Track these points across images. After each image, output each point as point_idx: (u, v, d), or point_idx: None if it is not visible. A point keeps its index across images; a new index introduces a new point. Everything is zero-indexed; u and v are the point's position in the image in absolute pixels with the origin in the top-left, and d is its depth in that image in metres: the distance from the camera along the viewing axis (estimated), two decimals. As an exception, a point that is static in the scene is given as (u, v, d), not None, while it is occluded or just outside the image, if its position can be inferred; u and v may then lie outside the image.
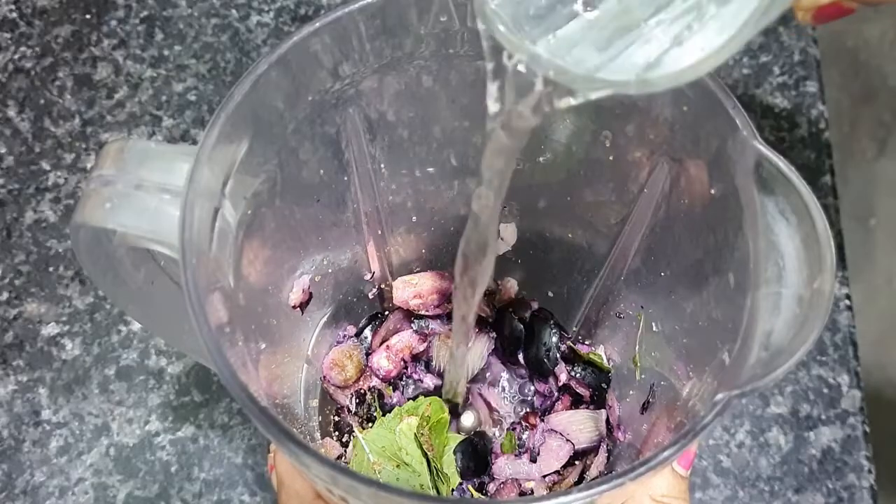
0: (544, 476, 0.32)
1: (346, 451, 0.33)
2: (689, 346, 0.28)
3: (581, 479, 0.32)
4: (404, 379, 0.36)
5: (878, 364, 0.86)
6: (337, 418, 0.34)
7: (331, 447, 0.33)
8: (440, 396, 0.34)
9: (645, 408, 0.31)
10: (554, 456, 0.32)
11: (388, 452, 0.31)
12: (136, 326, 0.40)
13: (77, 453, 0.38)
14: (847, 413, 0.39)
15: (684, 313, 0.29)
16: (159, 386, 0.39)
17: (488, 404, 0.35)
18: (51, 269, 0.42)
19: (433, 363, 0.35)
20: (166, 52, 0.47)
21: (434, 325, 0.36)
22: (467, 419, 0.34)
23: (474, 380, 0.35)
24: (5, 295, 0.41)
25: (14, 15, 0.48)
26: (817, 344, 0.41)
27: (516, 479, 0.32)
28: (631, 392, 0.33)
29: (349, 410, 0.34)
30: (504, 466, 0.33)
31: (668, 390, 0.30)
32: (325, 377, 0.34)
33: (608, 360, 0.35)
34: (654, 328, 0.32)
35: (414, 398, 0.34)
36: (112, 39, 0.47)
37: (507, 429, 0.34)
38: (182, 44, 0.47)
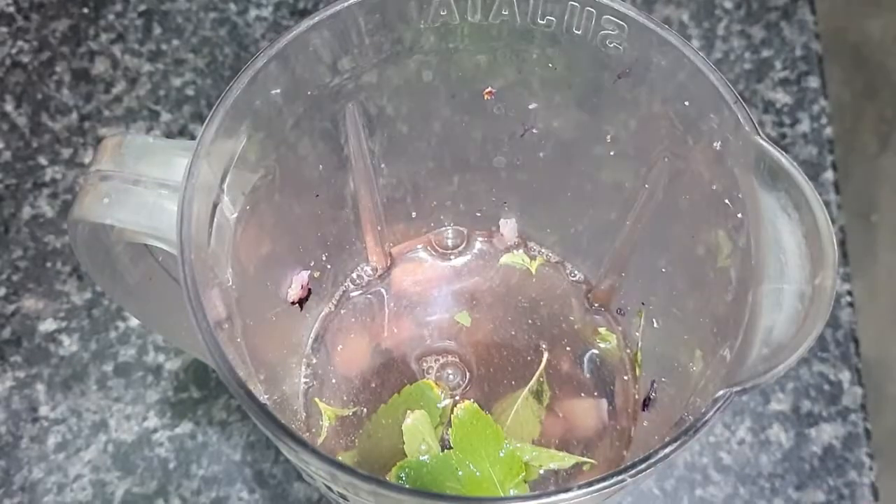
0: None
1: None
2: (690, 343, 0.28)
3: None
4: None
5: (879, 361, 0.86)
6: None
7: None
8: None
9: (646, 404, 0.31)
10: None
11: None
12: (133, 322, 0.40)
13: (75, 450, 0.38)
14: (848, 410, 0.39)
15: (685, 309, 0.29)
16: (157, 382, 0.39)
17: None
18: (48, 264, 0.42)
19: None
20: (164, 47, 0.47)
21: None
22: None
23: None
24: (3, 291, 0.41)
25: (11, 9, 0.48)
26: (818, 340, 0.40)
27: None
28: (632, 388, 0.33)
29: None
30: None
31: (669, 387, 0.30)
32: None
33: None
34: (655, 324, 0.32)
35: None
36: (110, 34, 0.47)
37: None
38: (180, 38, 0.47)
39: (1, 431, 0.38)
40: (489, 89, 0.30)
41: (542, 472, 0.31)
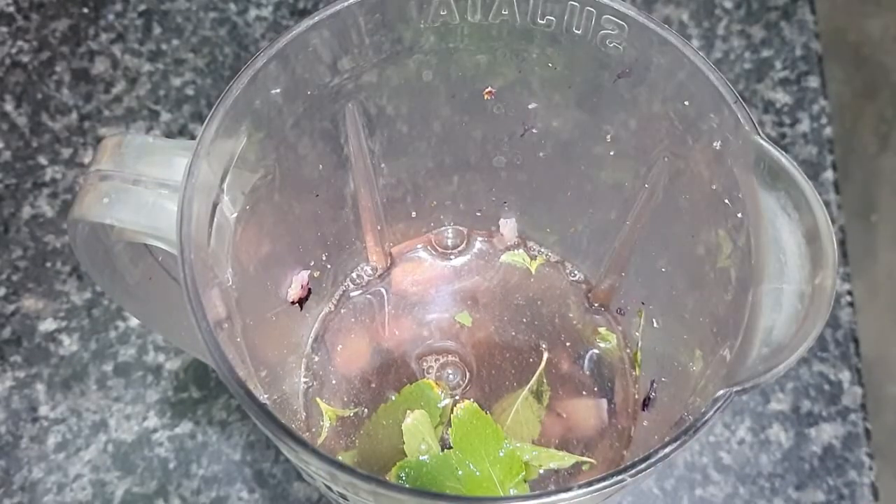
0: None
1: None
2: (690, 343, 0.28)
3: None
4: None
5: (879, 360, 0.86)
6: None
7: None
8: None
9: (646, 404, 0.31)
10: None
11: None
12: (133, 322, 0.40)
13: (75, 449, 0.38)
14: (848, 410, 0.39)
15: (685, 309, 0.29)
16: (157, 382, 0.39)
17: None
18: (48, 264, 0.42)
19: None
20: (164, 47, 0.47)
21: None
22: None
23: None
24: (2, 290, 0.41)
25: (11, 9, 0.48)
26: (818, 340, 0.40)
27: None
28: (632, 388, 0.33)
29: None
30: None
31: (669, 386, 0.30)
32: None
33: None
34: (655, 324, 0.32)
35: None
36: (110, 33, 0.47)
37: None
38: (180, 38, 0.47)
39: (1, 431, 0.38)
40: (489, 89, 0.30)
41: (541, 471, 0.31)
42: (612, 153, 0.30)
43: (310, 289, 0.32)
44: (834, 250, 0.21)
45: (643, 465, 0.20)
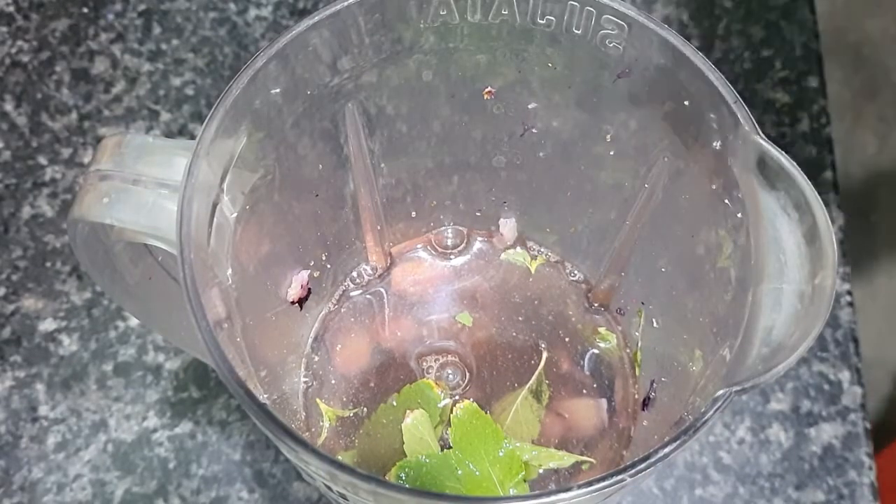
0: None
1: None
2: (690, 342, 0.28)
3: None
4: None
5: (879, 360, 0.86)
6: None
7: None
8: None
9: (646, 404, 0.31)
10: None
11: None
12: (133, 322, 0.40)
13: (75, 449, 0.38)
14: (848, 409, 0.39)
15: (685, 309, 0.29)
16: (157, 382, 0.39)
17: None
18: (48, 264, 0.42)
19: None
20: (164, 46, 0.47)
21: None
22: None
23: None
24: (2, 290, 0.41)
25: (11, 9, 0.48)
26: (818, 340, 0.40)
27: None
28: (632, 388, 0.33)
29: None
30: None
31: (669, 386, 0.30)
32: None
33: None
34: (655, 324, 0.32)
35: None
36: (109, 33, 0.47)
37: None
38: (180, 38, 0.47)
39: (1, 431, 0.38)
40: (489, 89, 0.30)
41: (541, 471, 0.31)
42: (611, 153, 0.30)
43: (310, 289, 0.32)
44: (834, 250, 0.21)
45: (643, 465, 0.20)
